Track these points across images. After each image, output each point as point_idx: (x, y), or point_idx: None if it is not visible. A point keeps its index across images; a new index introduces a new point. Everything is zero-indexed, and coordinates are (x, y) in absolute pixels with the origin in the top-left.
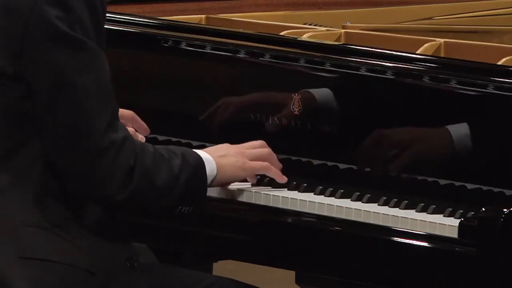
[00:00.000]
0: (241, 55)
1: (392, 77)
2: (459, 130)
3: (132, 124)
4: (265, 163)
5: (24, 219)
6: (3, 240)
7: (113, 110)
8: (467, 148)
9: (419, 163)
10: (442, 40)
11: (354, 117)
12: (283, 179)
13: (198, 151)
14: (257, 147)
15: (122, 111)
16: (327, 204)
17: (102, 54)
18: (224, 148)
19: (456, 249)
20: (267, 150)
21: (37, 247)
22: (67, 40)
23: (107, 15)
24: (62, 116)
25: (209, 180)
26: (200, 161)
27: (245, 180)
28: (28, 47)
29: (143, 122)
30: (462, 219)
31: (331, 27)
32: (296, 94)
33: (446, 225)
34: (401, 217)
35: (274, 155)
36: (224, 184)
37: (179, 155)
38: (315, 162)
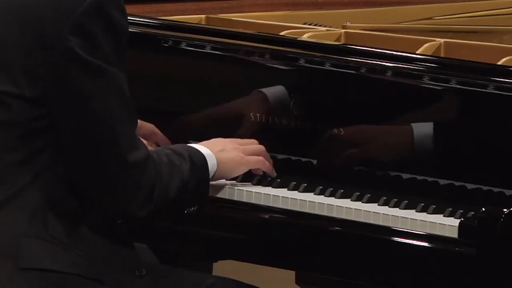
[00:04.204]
0: (241, 55)
1: (392, 77)
2: (459, 129)
3: (152, 137)
4: (261, 158)
5: (25, 231)
6: (4, 251)
7: (135, 129)
8: (467, 147)
9: (422, 163)
10: (442, 40)
11: (354, 117)
12: (274, 173)
13: (198, 146)
14: (248, 144)
15: (142, 123)
16: (327, 204)
17: (123, 77)
18: (220, 143)
19: (456, 249)
20: (260, 146)
21: (37, 258)
22: (89, 68)
23: None
24: (87, 141)
25: (210, 175)
26: (204, 160)
27: (246, 180)
28: (50, 73)
29: (162, 135)
30: (462, 219)
31: (331, 27)
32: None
33: (446, 225)
34: (401, 217)
35: (266, 151)
36: (222, 178)
37: (187, 158)
38: (315, 162)
